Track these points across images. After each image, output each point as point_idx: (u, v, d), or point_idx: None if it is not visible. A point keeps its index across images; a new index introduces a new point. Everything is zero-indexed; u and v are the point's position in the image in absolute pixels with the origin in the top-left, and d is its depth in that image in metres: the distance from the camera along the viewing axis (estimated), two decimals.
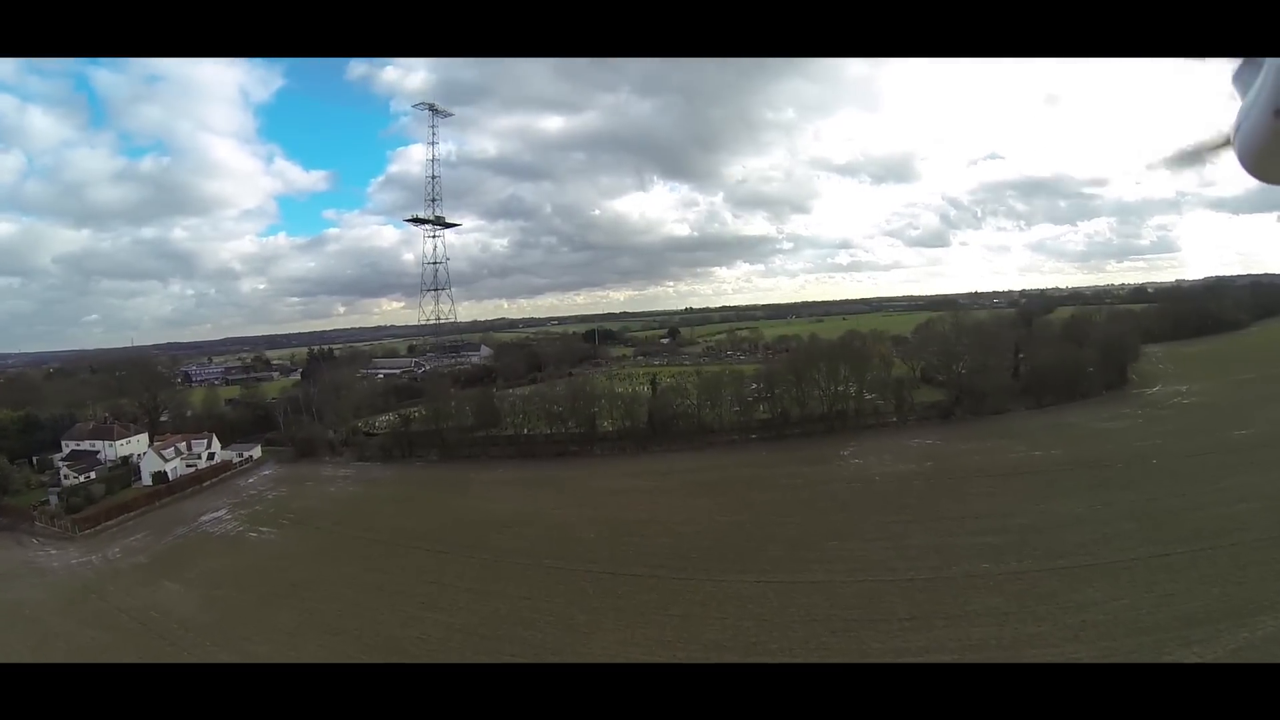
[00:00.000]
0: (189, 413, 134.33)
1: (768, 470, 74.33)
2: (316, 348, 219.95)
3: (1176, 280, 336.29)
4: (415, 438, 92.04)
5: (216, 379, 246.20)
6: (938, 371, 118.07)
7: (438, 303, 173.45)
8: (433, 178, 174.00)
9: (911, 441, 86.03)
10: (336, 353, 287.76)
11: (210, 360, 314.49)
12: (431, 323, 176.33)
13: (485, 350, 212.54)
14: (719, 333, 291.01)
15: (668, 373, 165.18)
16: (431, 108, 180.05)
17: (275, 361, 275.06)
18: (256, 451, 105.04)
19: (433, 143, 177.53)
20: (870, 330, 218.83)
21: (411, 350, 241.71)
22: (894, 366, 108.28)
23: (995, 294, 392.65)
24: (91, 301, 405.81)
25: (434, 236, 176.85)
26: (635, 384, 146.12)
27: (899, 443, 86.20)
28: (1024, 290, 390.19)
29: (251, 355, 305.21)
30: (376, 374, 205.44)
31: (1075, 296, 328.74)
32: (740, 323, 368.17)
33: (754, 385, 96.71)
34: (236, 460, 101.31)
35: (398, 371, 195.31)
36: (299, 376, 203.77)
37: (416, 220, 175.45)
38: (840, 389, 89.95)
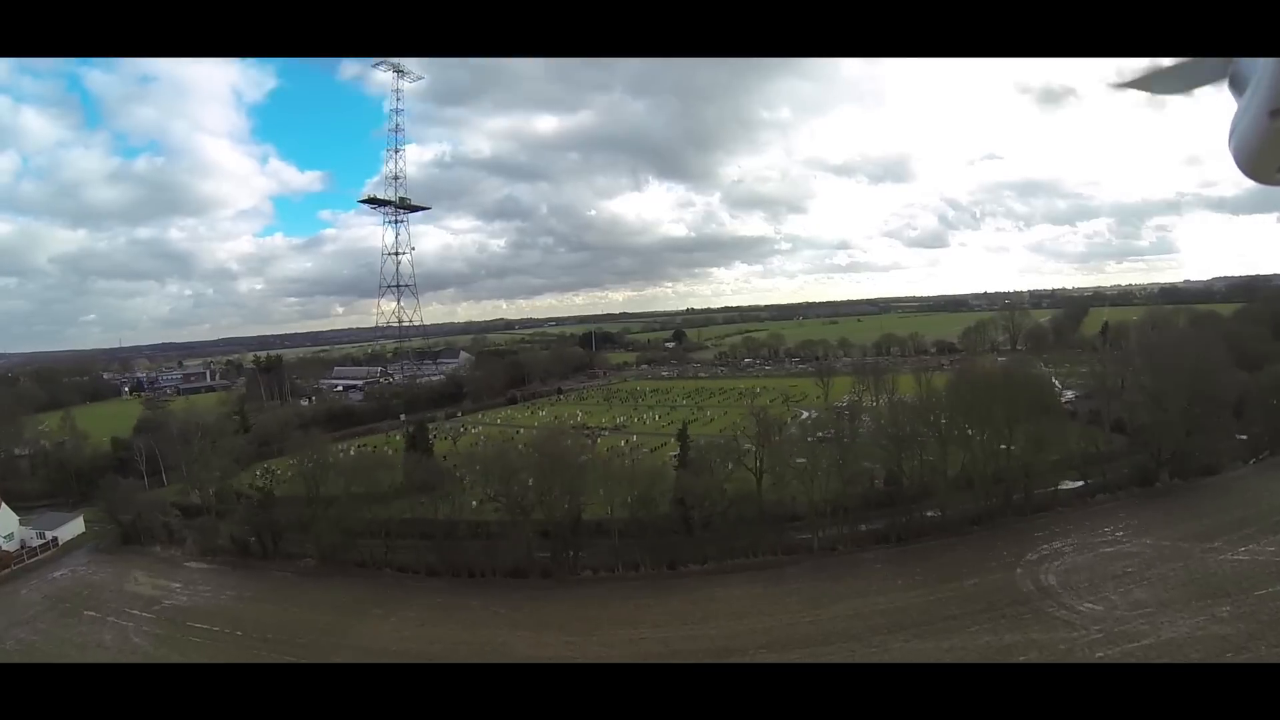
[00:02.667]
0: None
1: (933, 640, 34.03)
2: (264, 354, 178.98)
3: (1184, 281, 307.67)
4: (285, 523, 51.24)
5: (170, 388, 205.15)
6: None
7: (400, 301, 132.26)
8: (396, 150, 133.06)
9: (1143, 542, 45.87)
10: (321, 355, 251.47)
11: (181, 364, 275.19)
12: (393, 325, 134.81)
13: (464, 357, 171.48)
14: (728, 335, 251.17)
15: (683, 389, 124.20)
16: (396, 69, 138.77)
17: (248, 366, 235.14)
18: (74, 527, 64.48)
19: (397, 110, 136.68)
20: (910, 334, 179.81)
21: (395, 355, 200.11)
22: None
23: (1005, 294, 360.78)
24: (89, 301, 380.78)
25: (397, 222, 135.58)
26: (643, 409, 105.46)
27: (1114, 543, 46.21)
28: (1033, 290, 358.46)
29: (224, 359, 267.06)
30: (335, 385, 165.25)
31: (1098, 297, 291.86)
32: (746, 324, 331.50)
33: (807, 416, 56.26)
34: (32, 545, 60.99)
35: (358, 383, 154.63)
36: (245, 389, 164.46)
37: (373, 201, 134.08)
38: (1004, 445, 49.39)
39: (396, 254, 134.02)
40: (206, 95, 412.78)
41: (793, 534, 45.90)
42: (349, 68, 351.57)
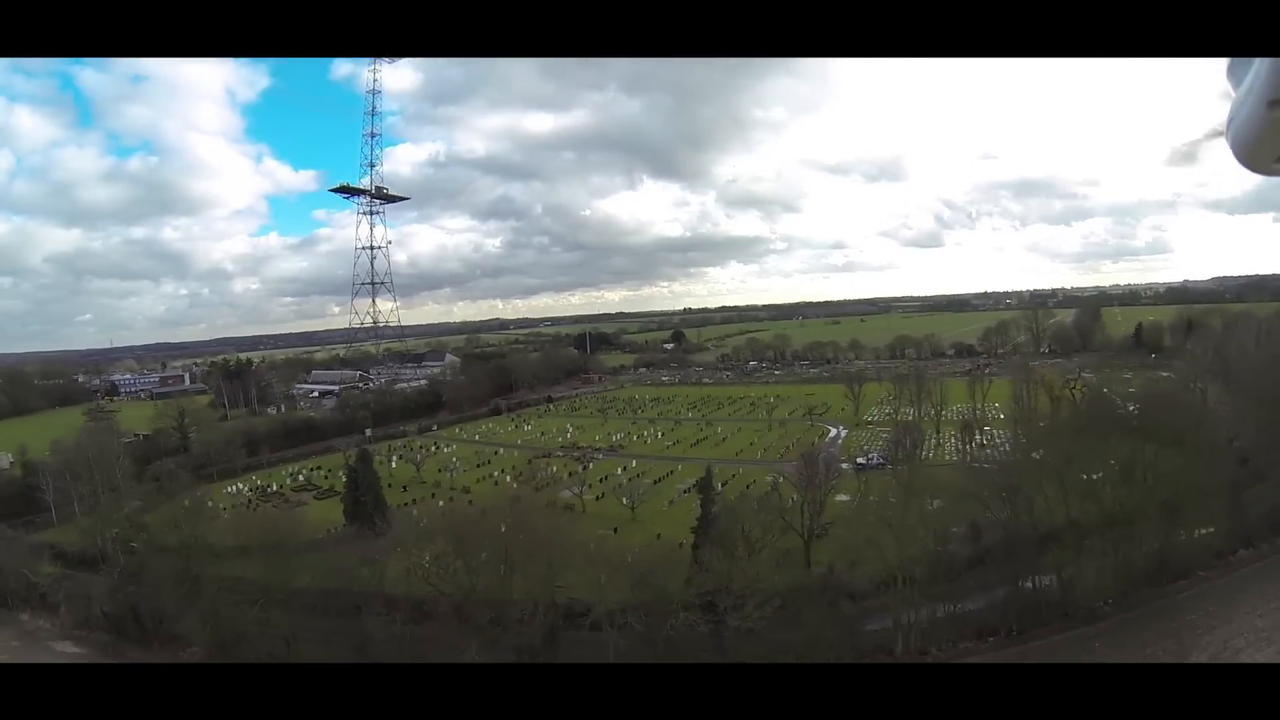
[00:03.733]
0: None
1: None
2: (234, 356, 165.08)
3: (1185, 280, 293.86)
4: (163, 595, 37.19)
5: (145, 391, 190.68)
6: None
7: (375, 299, 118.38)
8: (373, 135, 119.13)
9: None
10: (305, 356, 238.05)
11: (163, 366, 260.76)
12: (374, 326, 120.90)
13: (450, 359, 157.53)
14: (728, 335, 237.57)
15: (686, 398, 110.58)
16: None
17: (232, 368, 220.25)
18: None
19: (374, 91, 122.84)
20: (926, 336, 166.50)
21: (379, 357, 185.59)
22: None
23: (1006, 294, 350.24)
24: (84, 301, 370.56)
25: (373, 213, 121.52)
26: (642, 422, 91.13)
27: None
28: (1034, 290, 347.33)
29: (207, 361, 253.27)
30: (310, 391, 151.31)
31: (1104, 296, 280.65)
32: (744, 324, 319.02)
33: (836, 434, 41.97)
34: None
35: (334, 389, 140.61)
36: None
37: (347, 190, 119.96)
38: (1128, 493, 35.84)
39: (372, 248, 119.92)
40: (199, 94, 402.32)
41: (860, 623, 32.25)
42: (342, 67, 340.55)
